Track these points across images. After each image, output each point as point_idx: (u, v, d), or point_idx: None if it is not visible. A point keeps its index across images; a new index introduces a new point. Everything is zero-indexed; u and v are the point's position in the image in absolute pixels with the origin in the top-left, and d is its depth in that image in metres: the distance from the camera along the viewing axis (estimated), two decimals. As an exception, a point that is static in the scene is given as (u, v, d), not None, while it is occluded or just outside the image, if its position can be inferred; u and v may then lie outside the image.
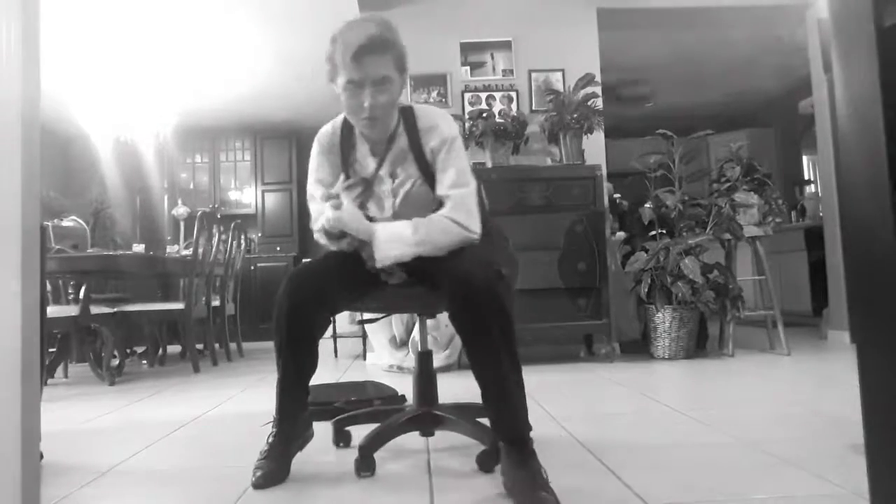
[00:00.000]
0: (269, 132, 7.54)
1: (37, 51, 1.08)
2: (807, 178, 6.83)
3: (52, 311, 3.55)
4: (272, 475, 1.56)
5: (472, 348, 1.44)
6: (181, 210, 7.14)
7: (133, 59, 5.34)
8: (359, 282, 1.62)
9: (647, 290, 3.72)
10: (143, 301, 4.34)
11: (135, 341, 5.05)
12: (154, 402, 2.98)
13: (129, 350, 4.81)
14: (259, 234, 7.51)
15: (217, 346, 4.61)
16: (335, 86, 1.58)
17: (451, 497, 1.43)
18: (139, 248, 5.01)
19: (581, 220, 3.69)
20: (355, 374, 3.65)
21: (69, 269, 3.77)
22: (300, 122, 7.33)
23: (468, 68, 4.36)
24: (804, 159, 7.05)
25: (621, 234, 4.31)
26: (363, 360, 4.37)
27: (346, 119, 1.67)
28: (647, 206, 3.96)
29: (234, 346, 5.07)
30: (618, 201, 4.58)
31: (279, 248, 7.43)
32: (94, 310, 3.65)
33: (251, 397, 2.98)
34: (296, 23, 4.79)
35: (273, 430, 1.64)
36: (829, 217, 4.56)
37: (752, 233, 3.95)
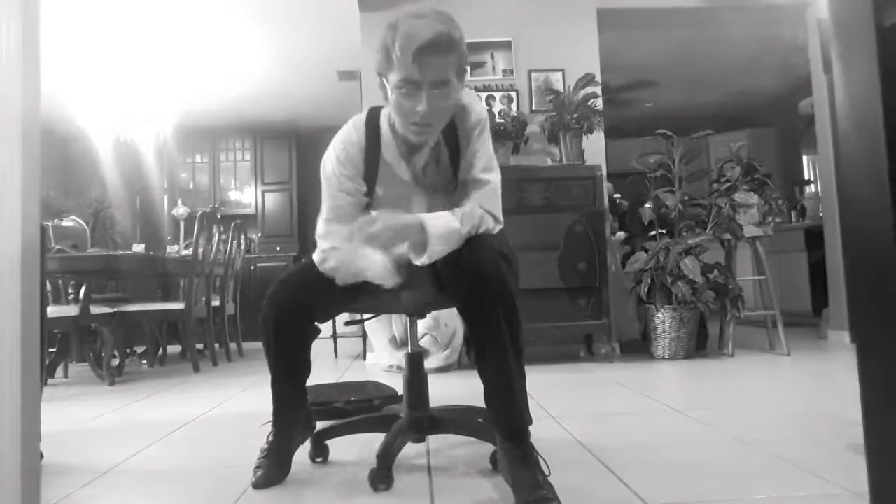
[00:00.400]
0: (269, 132, 7.54)
1: (37, 51, 1.08)
2: (807, 178, 6.83)
3: (52, 311, 3.55)
4: (272, 475, 1.56)
5: (479, 336, 1.39)
6: (181, 210, 7.14)
7: (133, 59, 5.35)
8: (346, 288, 1.50)
9: (647, 290, 3.73)
10: (143, 301, 4.33)
11: (135, 341, 5.05)
12: (154, 402, 2.98)
13: (129, 350, 4.81)
14: (259, 234, 7.51)
15: (217, 346, 4.60)
16: (385, 80, 1.41)
17: (451, 497, 1.43)
18: (139, 248, 5.02)
19: (581, 220, 3.69)
20: (355, 374, 3.65)
21: (69, 269, 3.77)
22: (300, 122, 7.34)
23: (468, 68, 4.35)
24: (804, 159, 7.05)
25: (621, 234, 4.31)
26: (363, 360, 4.37)
27: (370, 121, 1.53)
28: (647, 206, 3.96)
29: (234, 346, 5.07)
30: (618, 201, 4.58)
31: (279, 248, 7.43)
32: (94, 310, 3.65)
33: (251, 397, 2.98)
34: (296, 23, 4.78)
35: (272, 430, 1.64)
36: (829, 217, 4.56)
37: (752, 233, 3.94)
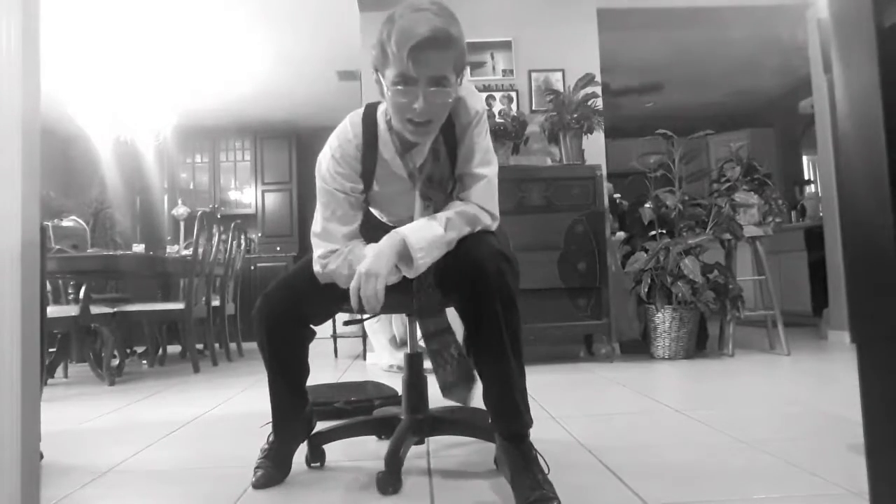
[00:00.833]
0: (269, 132, 7.54)
1: (37, 51, 1.08)
2: (807, 178, 6.83)
3: (52, 311, 3.55)
4: (272, 475, 1.56)
5: (478, 334, 1.37)
6: (181, 210, 7.14)
7: (133, 59, 5.35)
8: (339, 291, 1.45)
9: (647, 290, 3.73)
10: (143, 301, 4.33)
11: (135, 341, 5.05)
12: (154, 402, 2.98)
13: (129, 350, 4.81)
14: (259, 234, 7.51)
15: (217, 346, 4.60)
16: (380, 76, 1.37)
17: (451, 497, 1.43)
18: (139, 248, 5.01)
19: (581, 220, 3.69)
20: (355, 374, 3.65)
21: (69, 269, 3.77)
22: (300, 122, 7.34)
23: (468, 68, 4.35)
24: (804, 159, 7.04)
25: (621, 234, 4.31)
26: (363, 360, 4.37)
27: (367, 117, 1.49)
28: (647, 206, 3.96)
29: (234, 346, 5.07)
30: (618, 201, 4.57)
31: (279, 248, 7.43)
32: (94, 310, 3.65)
33: (251, 397, 2.98)
34: (296, 23, 4.78)
35: (272, 431, 1.64)
36: (829, 217, 4.56)
37: (752, 233, 3.94)
